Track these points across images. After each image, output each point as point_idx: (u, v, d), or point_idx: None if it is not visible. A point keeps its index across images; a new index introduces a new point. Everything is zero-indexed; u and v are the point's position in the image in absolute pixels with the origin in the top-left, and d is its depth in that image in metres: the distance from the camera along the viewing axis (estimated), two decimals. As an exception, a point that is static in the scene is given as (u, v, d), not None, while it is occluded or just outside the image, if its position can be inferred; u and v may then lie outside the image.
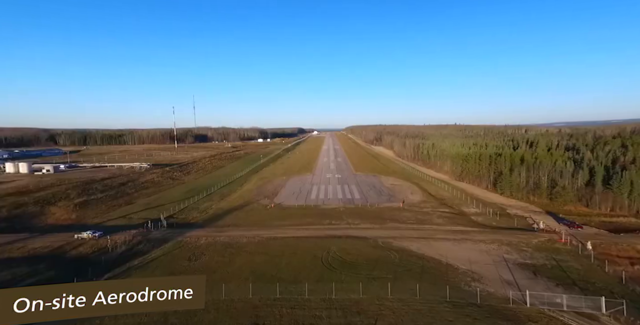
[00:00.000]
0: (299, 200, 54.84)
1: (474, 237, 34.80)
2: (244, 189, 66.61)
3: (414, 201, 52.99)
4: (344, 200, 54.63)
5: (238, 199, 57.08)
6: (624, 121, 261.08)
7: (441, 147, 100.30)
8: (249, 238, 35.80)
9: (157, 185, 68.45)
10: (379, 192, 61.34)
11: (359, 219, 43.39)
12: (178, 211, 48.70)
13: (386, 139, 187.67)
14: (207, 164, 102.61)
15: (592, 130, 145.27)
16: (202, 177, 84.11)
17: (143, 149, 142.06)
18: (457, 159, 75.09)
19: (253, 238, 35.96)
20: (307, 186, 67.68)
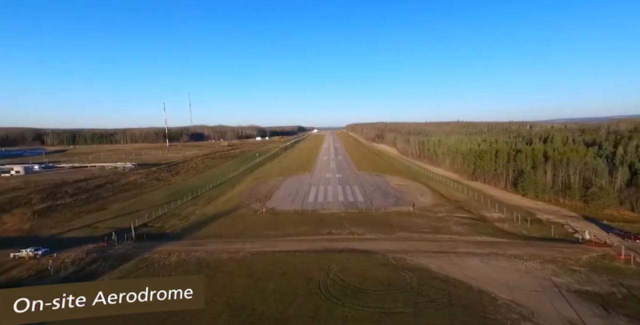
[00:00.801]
0: (294, 204, 48.47)
1: (505, 250, 28.40)
2: (235, 191, 60.26)
3: (425, 204, 46.56)
4: (345, 204, 48.24)
5: (226, 203, 50.72)
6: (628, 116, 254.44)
7: (450, 144, 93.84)
8: (230, 253, 29.47)
9: (139, 187, 62.16)
10: (384, 193, 54.93)
11: (363, 226, 37.03)
12: (155, 218, 42.36)
13: (388, 136, 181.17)
14: (198, 163, 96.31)
15: (605, 125, 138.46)
16: (192, 177, 77.80)
17: (133, 148, 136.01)
18: (469, 156, 68.62)
19: (236, 253, 29.64)
20: (305, 187, 61.31)
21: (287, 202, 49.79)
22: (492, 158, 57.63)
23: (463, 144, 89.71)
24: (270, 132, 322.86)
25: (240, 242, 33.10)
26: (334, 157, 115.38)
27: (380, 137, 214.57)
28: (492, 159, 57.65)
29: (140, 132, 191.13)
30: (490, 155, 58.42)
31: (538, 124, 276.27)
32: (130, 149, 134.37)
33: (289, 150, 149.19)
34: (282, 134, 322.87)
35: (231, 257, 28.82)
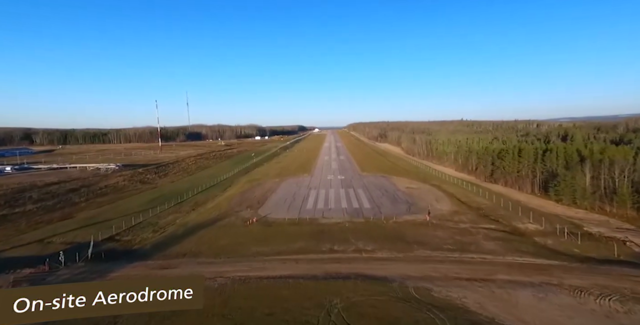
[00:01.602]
0: (290, 212, 41.95)
1: (562, 279, 21.75)
2: (225, 196, 53.83)
3: (443, 212, 39.94)
4: (349, 211, 41.69)
5: (213, 210, 44.27)
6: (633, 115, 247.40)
7: (461, 143, 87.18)
8: (206, 280, 22.95)
9: (120, 190, 55.83)
10: (393, 198, 48.33)
11: (372, 241, 30.47)
12: (126, 229, 35.93)
13: (392, 135, 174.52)
14: (190, 164, 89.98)
15: (623, 122, 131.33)
16: (181, 179, 71.48)
17: (125, 148, 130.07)
18: (485, 155, 61.90)
19: (212, 280, 23.17)
20: (304, 191, 54.79)
21: (283, 209, 43.28)
22: (515, 158, 50.87)
23: (476, 143, 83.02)
24: (270, 131, 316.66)
25: (220, 263, 26.63)
26: (335, 157, 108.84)
27: (383, 136, 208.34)
28: (514, 159, 50.90)
29: (134, 132, 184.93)
30: (512, 154, 51.67)
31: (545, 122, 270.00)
32: (122, 149, 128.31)
33: (289, 150, 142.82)
34: (282, 134, 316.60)
35: (205, 286, 22.31)
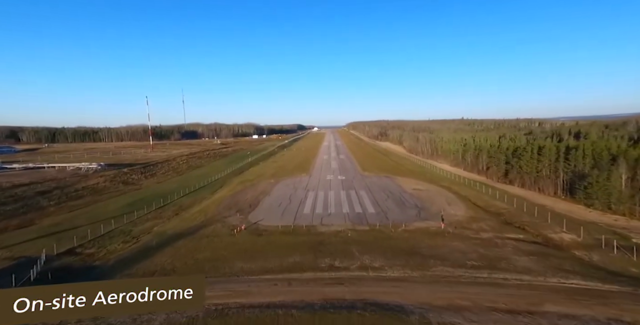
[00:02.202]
0: (285, 218, 36.97)
1: (634, 314, 16.77)
2: (214, 198, 48.82)
3: (459, 218, 35.04)
4: (351, 217, 36.74)
5: (198, 215, 39.26)
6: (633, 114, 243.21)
7: (468, 141, 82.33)
8: (171, 314, 17.95)
9: (98, 192, 50.74)
10: (400, 201, 43.40)
11: (380, 255, 25.53)
12: (92, 239, 30.89)
13: (393, 133, 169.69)
14: (181, 163, 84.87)
15: (633, 119, 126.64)
16: (168, 180, 66.40)
17: (116, 147, 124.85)
18: (498, 154, 57.03)
19: (180, 313, 18.13)
20: (301, 193, 49.80)
21: (276, 215, 38.28)
22: (534, 156, 45.96)
23: (483, 141, 78.15)
24: (269, 130, 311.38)
25: (194, 285, 21.65)
26: (335, 156, 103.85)
27: (384, 134, 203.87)
28: (533, 158, 45.99)
29: (127, 130, 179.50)
30: (530, 152, 46.74)
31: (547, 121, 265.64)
32: (112, 148, 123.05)
33: (286, 149, 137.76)
34: (280, 133, 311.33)
35: (170, 321, 17.32)
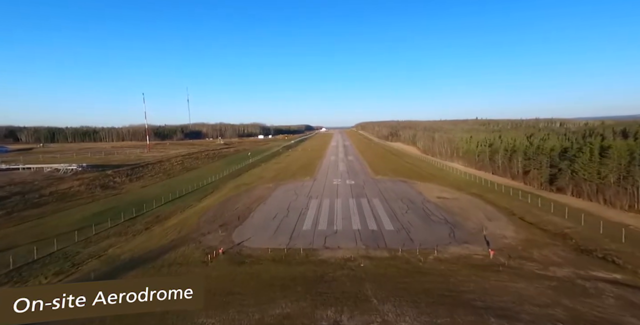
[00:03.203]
0: (279, 236, 28.76)
1: None
2: (199, 207, 41.08)
3: (510, 240, 26.18)
4: (364, 237, 28.28)
5: (170, 231, 31.40)
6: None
7: (494, 140, 72.83)
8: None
9: (67, 199, 43.62)
10: (424, 214, 34.72)
11: (409, 304, 17.02)
12: (18, 267, 23.22)
13: (405, 133, 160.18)
14: (176, 164, 77.81)
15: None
16: (156, 183, 59.19)
17: (113, 147, 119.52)
18: (539, 156, 47.68)
19: None
20: (302, 201, 41.58)
21: (268, 231, 30.11)
22: (595, 159, 36.58)
23: (513, 140, 68.55)
24: (275, 130, 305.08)
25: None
26: (343, 157, 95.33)
27: (395, 134, 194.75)
28: (594, 161, 36.63)
29: (129, 130, 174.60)
30: (589, 154, 37.35)
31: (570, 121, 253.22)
32: (108, 148, 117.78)
33: (292, 149, 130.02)
34: (287, 133, 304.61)
35: None
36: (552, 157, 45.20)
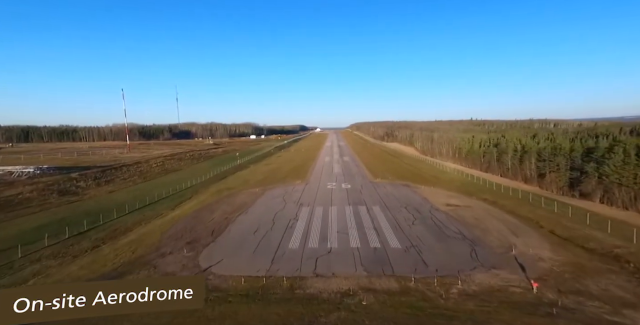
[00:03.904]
0: (258, 257, 22.78)
1: None
2: (169, 217, 34.90)
3: (548, 263, 20.66)
4: (365, 259, 22.47)
5: (121, 252, 25.14)
6: None
7: (500, 141, 68.06)
8: None
9: (10, 207, 37.00)
10: (434, 226, 29.11)
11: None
12: None
13: (402, 133, 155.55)
14: (155, 166, 71.17)
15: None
16: (127, 187, 52.72)
17: (90, 147, 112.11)
18: (559, 157, 42.65)
19: None
20: (291, 210, 35.64)
21: (246, 251, 24.12)
22: (630, 160, 31.47)
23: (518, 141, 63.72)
24: (269, 130, 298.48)
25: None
26: (338, 158, 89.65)
27: (390, 135, 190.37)
28: (629, 163, 31.51)
29: (111, 129, 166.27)
30: (622, 154, 32.20)
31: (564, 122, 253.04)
32: (85, 148, 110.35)
33: (284, 150, 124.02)
34: (281, 133, 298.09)
35: None
36: (572, 158, 40.14)
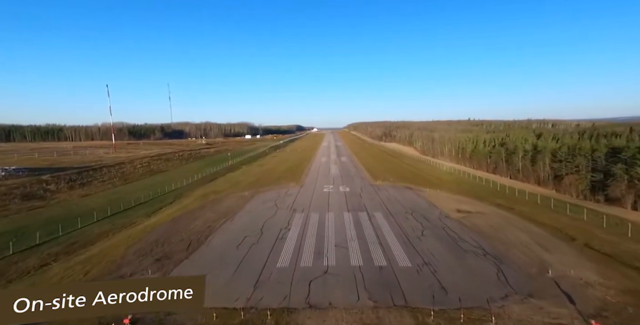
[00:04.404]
0: (239, 281, 18.50)
1: None
2: (142, 227, 30.56)
3: (602, 293, 16.61)
4: (370, 282, 18.31)
5: (75, 271, 20.73)
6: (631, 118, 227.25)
7: (505, 140, 64.51)
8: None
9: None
10: (447, 238, 25.04)
11: None
12: None
13: (401, 133, 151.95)
14: (139, 167, 66.53)
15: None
16: (105, 191, 48.18)
17: (73, 146, 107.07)
18: (577, 157, 38.90)
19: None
20: (282, 217, 31.42)
21: (224, 271, 19.82)
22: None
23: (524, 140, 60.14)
24: (265, 130, 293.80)
25: None
26: (335, 158, 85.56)
27: (388, 135, 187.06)
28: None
29: (99, 128, 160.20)
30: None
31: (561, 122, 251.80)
32: (69, 147, 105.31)
33: (279, 150, 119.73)
34: (277, 133, 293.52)
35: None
36: (594, 159, 36.36)
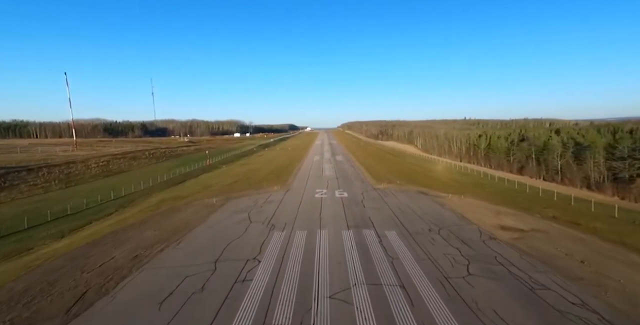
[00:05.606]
0: None
1: None
2: (31, 258, 20.19)
3: None
4: None
5: None
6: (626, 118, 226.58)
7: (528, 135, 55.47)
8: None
9: None
10: (514, 283, 15.15)
11: None
12: None
13: (400, 131, 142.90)
14: (95, 166, 55.62)
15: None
16: (29, 197, 37.58)
17: (30, 144, 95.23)
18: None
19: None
20: (253, 238, 21.15)
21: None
22: None
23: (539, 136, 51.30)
24: (256, 129, 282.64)
25: None
26: (329, 157, 75.61)
27: (385, 133, 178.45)
28: None
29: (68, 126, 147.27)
30: None
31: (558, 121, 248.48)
32: (24, 144, 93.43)
33: (268, 148, 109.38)
34: (269, 132, 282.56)
35: None
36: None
